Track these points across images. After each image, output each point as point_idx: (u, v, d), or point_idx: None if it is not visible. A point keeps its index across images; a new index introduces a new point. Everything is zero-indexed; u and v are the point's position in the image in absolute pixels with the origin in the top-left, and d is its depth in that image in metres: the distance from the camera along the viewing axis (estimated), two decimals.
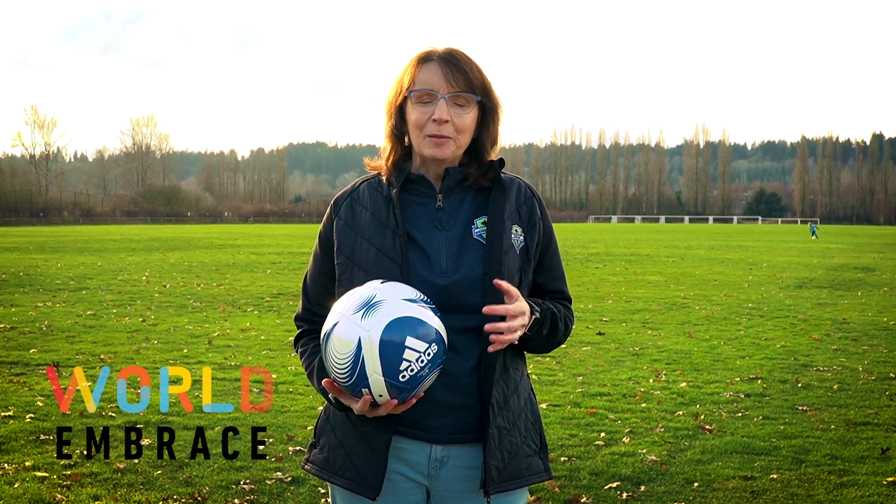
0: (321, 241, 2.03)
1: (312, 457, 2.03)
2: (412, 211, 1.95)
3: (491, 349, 1.81)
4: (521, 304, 1.83)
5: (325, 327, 1.79)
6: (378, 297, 1.75)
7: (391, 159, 1.99)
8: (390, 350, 1.71)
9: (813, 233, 49.83)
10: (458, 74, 1.89)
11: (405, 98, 1.93)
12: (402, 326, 1.73)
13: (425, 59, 1.92)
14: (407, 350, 1.72)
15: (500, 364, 1.91)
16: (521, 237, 1.96)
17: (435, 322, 1.77)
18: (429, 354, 1.74)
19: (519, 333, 1.84)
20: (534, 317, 1.89)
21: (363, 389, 1.75)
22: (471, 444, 1.93)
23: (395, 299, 1.76)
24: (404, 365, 1.72)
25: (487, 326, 1.80)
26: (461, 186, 1.98)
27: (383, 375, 1.72)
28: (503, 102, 1.99)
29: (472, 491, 1.95)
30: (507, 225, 1.94)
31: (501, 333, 1.80)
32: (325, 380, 1.81)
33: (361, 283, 1.84)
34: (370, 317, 1.73)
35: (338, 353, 1.75)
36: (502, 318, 1.81)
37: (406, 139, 1.99)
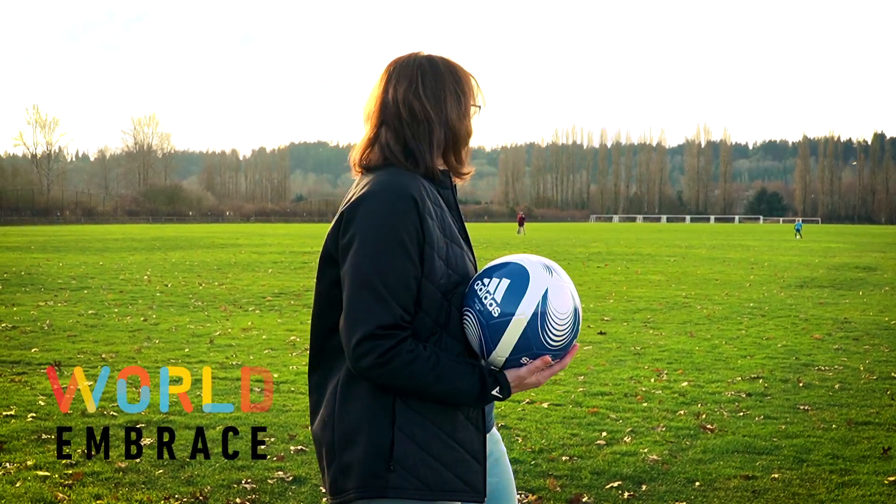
0: (413, 241, 1.77)
1: (395, 482, 1.78)
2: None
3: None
4: None
5: (532, 305, 1.78)
6: (543, 260, 1.87)
7: (427, 160, 1.94)
8: (577, 295, 1.89)
9: (797, 231, 49.95)
10: None
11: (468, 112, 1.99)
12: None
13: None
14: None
15: None
16: None
17: None
18: None
19: None
20: None
21: (574, 342, 1.85)
22: (493, 426, 2.06)
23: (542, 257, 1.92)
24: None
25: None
26: None
27: (582, 319, 1.90)
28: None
29: (490, 467, 2.01)
30: None
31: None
32: (542, 356, 1.80)
33: (454, 288, 1.85)
34: (558, 272, 1.86)
35: (563, 315, 1.81)
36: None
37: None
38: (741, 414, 6.02)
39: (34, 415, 5.67)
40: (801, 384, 7.04)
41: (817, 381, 7.14)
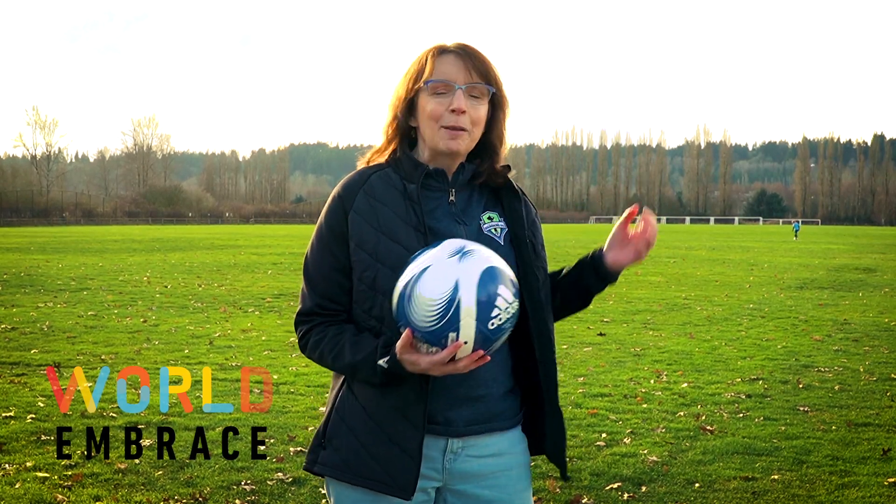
0: (333, 235, 1.91)
1: (322, 458, 1.93)
2: (428, 205, 1.94)
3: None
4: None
5: (408, 277, 1.70)
6: (469, 248, 1.73)
7: (397, 153, 1.96)
8: (486, 294, 1.67)
9: (796, 232, 50.41)
10: (476, 65, 1.91)
11: (417, 91, 1.92)
12: (496, 274, 1.71)
13: (442, 51, 1.92)
14: (499, 298, 1.69)
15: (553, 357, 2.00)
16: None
17: (516, 281, 1.77)
18: (514, 307, 1.73)
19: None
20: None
21: (451, 334, 1.67)
22: (485, 435, 1.95)
23: (485, 251, 1.75)
24: (495, 312, 1.68)
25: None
26: (469, 182, 1.99)
27: (476, 320, 1.67)
28: (509, 101, 2.01)
29: (484, 479, 1.97)
30: (532, 229, 2.01)
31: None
32: (406, 329, 1.70)
33: (387, 280, 1.80)
34: (467, 261, 1.70)
35: (429, 295, 1.66)
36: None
37: (412, 134, 1.98)
38: (741, 415, 6.02)
39: (34, 416, 5.67)
40: (800, 385, 7.04)
41: (817, 383, 7.14)
